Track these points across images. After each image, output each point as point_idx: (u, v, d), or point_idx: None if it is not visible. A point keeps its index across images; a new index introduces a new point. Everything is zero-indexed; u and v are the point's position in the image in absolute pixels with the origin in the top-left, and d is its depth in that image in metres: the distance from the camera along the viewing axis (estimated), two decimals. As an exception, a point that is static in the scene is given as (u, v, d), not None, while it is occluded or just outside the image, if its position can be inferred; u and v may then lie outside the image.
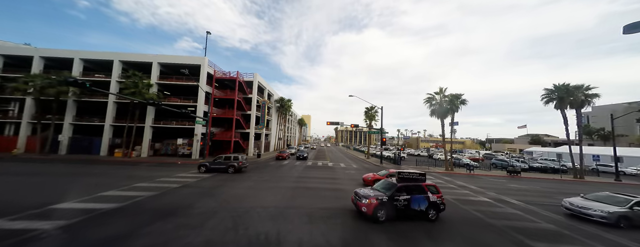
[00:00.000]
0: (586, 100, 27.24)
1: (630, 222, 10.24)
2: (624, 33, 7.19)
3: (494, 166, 36.66)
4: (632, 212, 10.36)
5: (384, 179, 12.78)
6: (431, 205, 10.13)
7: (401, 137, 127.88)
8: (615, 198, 11.38)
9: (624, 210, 10.40)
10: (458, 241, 8.42)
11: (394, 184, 10.33)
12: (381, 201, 9.53)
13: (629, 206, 10.53)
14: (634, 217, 10.29)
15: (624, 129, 63.29)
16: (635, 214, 10.34)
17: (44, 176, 16.97)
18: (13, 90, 28.51)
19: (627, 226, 10.18)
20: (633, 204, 10.57)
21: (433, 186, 10.75)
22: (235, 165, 20.60)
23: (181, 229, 8.23)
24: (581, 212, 11.23)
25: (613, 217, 10.27)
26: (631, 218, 10.27)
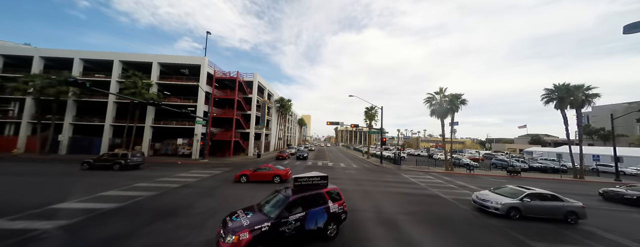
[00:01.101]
0: (586, 100, 27.22)
1: (519, 213, 10.78)
2: (624, 33, 7.20)
3: (494, 165, 36.65)
4: (521, 204, 10.88)
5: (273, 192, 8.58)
6: (331, 218, 7.87)
7: (401, 137, 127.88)
8: (512, 190, 12.02)
9: (515, 202, 10.96)
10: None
11: (284, 199, 7.37)
12: (259, 233, 6.33)
13: (519, 198, 11.10)
14: (522, 208, 10.80)
15: (624, 129, 63.26)
16: (524, 205, 10.84)
17: (44, 176, 16.97)
18: (13, 90, 28.50)
19: (516, 217, 10.74)
20: (523, 196, 11.15)
21: (335, 190, 8.75)
22: (121, 162, 20.18)
23: (181, 229, 8.24)
24: (482, 205, 11.75)
25: (504, 208, 10.82)
26: (520, 209, 10.80)
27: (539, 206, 10.84)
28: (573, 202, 11.04)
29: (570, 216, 10.67)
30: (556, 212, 10.76)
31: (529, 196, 11.15)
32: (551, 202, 10.99)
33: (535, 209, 10.80)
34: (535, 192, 11.37)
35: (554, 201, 11.05)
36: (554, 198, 11.16)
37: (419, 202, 13.36)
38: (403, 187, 17.56)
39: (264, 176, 17.05)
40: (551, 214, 10.79)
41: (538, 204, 10.88)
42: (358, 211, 11.13)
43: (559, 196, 11.22)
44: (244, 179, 16.81)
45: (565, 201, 11.05)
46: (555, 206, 10.89)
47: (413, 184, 19.47)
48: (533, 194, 11.30)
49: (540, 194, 11.33)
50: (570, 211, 10.71)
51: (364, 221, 9.77)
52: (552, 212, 10.79)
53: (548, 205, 10.88)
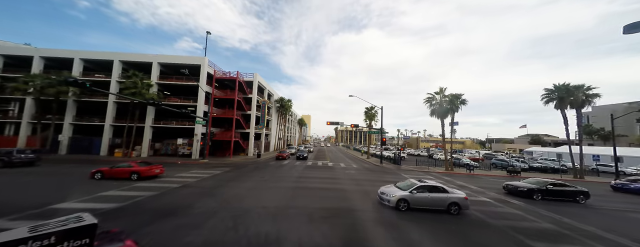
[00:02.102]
0: (586, 100, 27.23)
1: (408, 204, 11.21)
2: (624, 33, 7.20)
3: (494, 165, 36.66)
4: (410, 196, 11.32)
5: None
6: None
7: (401, 137, 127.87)
8: (408, 183, 12.46)
9: (405, 194, 11.39)
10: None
11: None
12: None
13: (409, 190, 11.52)
14: (410, 200, 11.23)
15: (624, 129, 63.25)
16: (412, 197, 11.28)
17: (44, 176, 16.97)
18: (13, 90, 28.48)
19: (404, 208, 11.16)
20: (413, 189, 11.58)
21: None
22: (5, 159, 19.42)
23: (181, 229, 8.24)
24: (380, 198, 12.24)
25: (394, 200, 11.27)
26: (408, 201, 11.22)
27: (425, 198, 11.30)
28: (457, 194, 11.51)
29: (452, 206, 11.13)
30: (440, 203, 11.22)
31: (418, 188, 11.59)
32: (437, 194, 11.45)
33: (421, 200, 11.29)
34: (425, 185, 11.83)
35: (440, 193, 11.52)
36: (442, 190, 11.62)
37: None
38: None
39: (121, 173, 16.07)
40: (435, 205, 11.24)
41: (424, 196, 11.33)
42: (358, 211, 11.14)
43: (446, 188, 11.74)
44: (98, 175, 15.93)
45: (450, 193, 11.52)
46: (439, 197, 11.33)
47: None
48: (422, 186, 11.72)
49: (431, 186, 11.81)
50: (453, 202, 11.16)
51: (364, 221, 9.77)
52: (436, 203, 11.25)
53: (433, 196, 11.36)
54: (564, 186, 15.08)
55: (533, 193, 14.72)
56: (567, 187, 14.99)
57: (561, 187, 15.02)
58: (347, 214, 10.52)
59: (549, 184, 15.08)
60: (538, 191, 14.71)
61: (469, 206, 11.54)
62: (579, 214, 12.56)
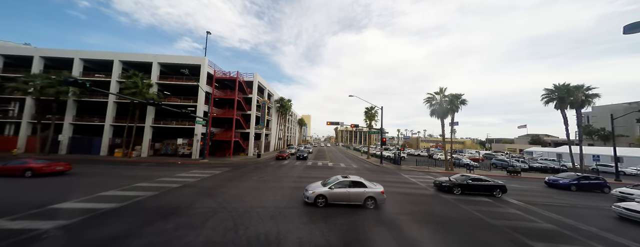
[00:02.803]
0: (586, 100, 27.24)
1: (325, 200, 11.19)
2: (624, 33, 7.20)
3: (494, 165, 36.66)
4: (328, 191, 11.31)
5: None
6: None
7: (401, 137, 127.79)
8: (332, 179, 12.54)
9: (324, 190, 11.37)
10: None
11: None
12: None
13: (328, 186, 11.54)
14: (328, 196, 11.21)
15: (624, 129, 63.29)
16: (331, 193, 11.28)
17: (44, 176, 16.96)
18: (13, 90, 28.49)
19: (322, 204, 11.13)
20: (333, 184, 11.61)
21: None
22: None
23: (181, 229, 8.24)
24: (303, 195, 11.99)
25: (312, 196, 11.21)
26: (326, 197, 11.21)
27: (343, 193, 11.30)
28: (374, 189, 11.61)
29: (369, 201, 11.31)
30: (357, 198, 11.29)
31: (337, 183, 11.61)
32: (355, 189, 11.48)
33: (338, 196, 11.27)
34: (345, 180, 11.88)
35: (358, 188, 11.56)
36: (361, 185, 11.68)
37: (418, 202, 13.37)
38: (403, 187, 17.56)
39: (13, 170, 15.47)
40: (353, 200, 11.30)
41: (342, 191, 11.32)
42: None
43: (365, 183, 11.81)
44: None
45: (368, 187, 11.59)
46: (356, 192, 11.38)
47: (413, 184, 19.48)
48: (342, 181, 11.78)
49: (351, 181, 11.82)
50: (369, 197, 11.31)
51: (364, 221, 9.77)
52: (353, 198, 11.30)
53: (350, 191, 11.37)
54: (482, 181, 15.95)
55: (453, 188, 15.67)
56: (485, 182, 15.84)
57: (480, 181, 15.89)
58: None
59: (470, 179, 15.99)
60: (458, 185, 15.66)
61: (386, 199, 11.72)
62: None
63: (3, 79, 31.81)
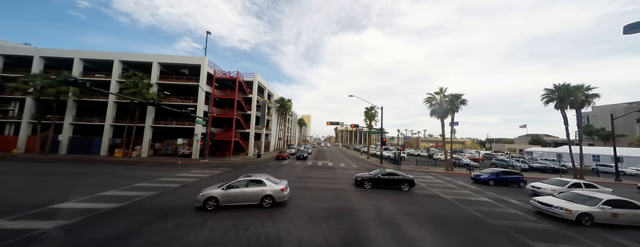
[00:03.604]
0: (586, 100, 27.20)
1: (217, 202, 10.41)
2: (624, 33, 7.20)
3: (494, 166, 36.64)
4: (221, 193, 10.57)
5: None
6: None
7: (401, 137, 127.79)
8: (236, 182, 11.60)
9: (215, 191, 10.59)
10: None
11: None
12: None
13: (221, 187, 10.84)
14: (221, 198, 10.47)
15: (624, 129, 63.29)
16: (224, 194, 10.54)
17: (44, 176, 16.97)
18: (13, 90, 28.51)
19: (212, 208, 10.33)
20: (226, 185, 10.93)
21: None
22: None
23: (181, 229, 8.24)
24: (196, 200, 11.05)
25: (201, 199, 10.38)
26: (218, 199, 10.45)
27: (238, 193, 10.78)
28: (273, 186, 11.22)
29: (266, 199, 10.94)
30: (253, 198, 10.88)
31: (230, 186, 10.89)
32: (252, 188, 11.02)
33: (234, 196, 10.71)
34: (243, 180, 11.33)
35: (256, 186, 11.10)
36: (258, 183, 11.22)
37: (418, 203, 13.37)
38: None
39: None
40: (249, 200, 10.83)
41: (237, 192, 10.77)
42: (358, 211, 11.14)
43: (264, 181, 11.34)
44: None
45: (267, 185, 11.17)
46: (253, 191, 10.94)
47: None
48: (240, 181, 11.23)
49: (249, 180, 11.31)
50: (267, 195, 10.97)
51: (364, 221, 9.77)
52: (249, 198, 10.84)
53: (247, 191, 10.89)
54: (392, 175, 16.58)
55: (364, 182, 16.41)
56: (394, 177, 16.45)
57: (390, 175, 16.55)
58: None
59: (381, 174, 16.77)
60: (369, 180, 16.44)
61: (286, 197, 11.40)
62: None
63: (3, 79, 31.80)
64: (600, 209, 10.65)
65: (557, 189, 15.60)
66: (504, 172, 21.22)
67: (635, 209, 10.80)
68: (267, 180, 11.54)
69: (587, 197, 11.56)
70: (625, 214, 10.62)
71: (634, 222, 10.62)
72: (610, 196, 11.49)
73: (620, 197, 11.42)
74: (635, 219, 10.63)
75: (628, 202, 11.04)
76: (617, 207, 10.74)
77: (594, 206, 10.78)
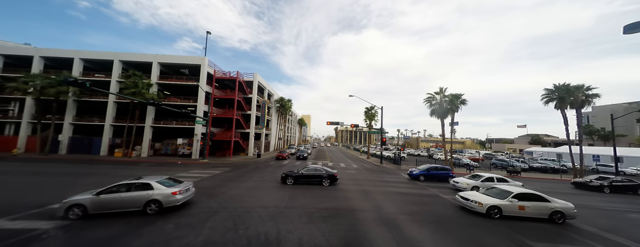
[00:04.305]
0: (586, 100, 27.20)
1: (84, 210, 9.20)
2: (624, 33, 7.20)
3: (494, 165, 36.65)
4: (91, 199, 9.38)
5: None
6: None
7: (401, 137, 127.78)
8: None
9: (84, 197, 9.36)
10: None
11: None
12: None
13: (93, 193, 9.57)
14: (88, 204, 9.24)
15: (624, 129, 63.25)
16: (93, 201, 9.31)
17: (44, 176, 16.97)
18: (13, 90, 28.51)
19: (76, 216, 9.02)
20: (103, 190, 9.68)
21: None
22: None
23: (181, 229, 8.24)
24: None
25: (63, 207, 9.10)
26: (85, 206, 9.26)
27: (112, 199, 9.46)
28: (162, 190, 9.92)
29: (152, 204, 9.70)
30: (134, 203, 9.59)
31: (106, 190, 9.62)
32: (131, 193, 9.69)
33: (106, 203, 9.38)
34: (124, 183, 9.98)
35: (141, 191, 9.83)
36: (144, 187, 9.96)
37: (419, 203, 13.36)
38: (403, 187, 17.55)
39: None
40: (128, 206, 9.57)
41: (113, 197, 9.47)
42: (358, 211, 11.14)
43: (152, 184, 10.02)
44: None
45: (155, 189, 9.89)
46: (134, 196, 9.66)
47: (413, 183, 19.47)
48: (121, 184, 9.91)
49: (130, 184, 9.99)
50: (153, 200, 9.68)
51: (364, 221, 9.77)
52: (128, 204, 9.56)
53: (122, 196, 9.57)
54: (312, 171, 17.05)
55: (286, 179, 16.61)
56: (313, 173, 16.84)
57: (311, 171, 16.98)
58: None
59: (303, 170, 17.25)
60: (290, 177, 16.66)
61: (178, 201, 10.06)
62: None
63: (3, 79, 31.80)
64: (509, 202, 10.95)
65: (471, 183, 16.37)
66: (435, 168, 21.91)
67: (542, 201, 11.07)
68: (158, 183, 10.17)
69: (503, 191, 11.79)
70: (531, 206, 10.90)
71: (539, 214, 10.87)
72: (520, 190, 11.76)
73: (529, 191, 11.67)
74: (540, 211, 10.88)
75: (535, 195, 11.32)
76: (524, 200, 11.02)
77: (503, 199, 11.09)
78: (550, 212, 10.76)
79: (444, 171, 21.41)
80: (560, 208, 10.79)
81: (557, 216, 10.71)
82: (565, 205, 10.94)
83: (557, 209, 10.76)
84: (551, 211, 10.75)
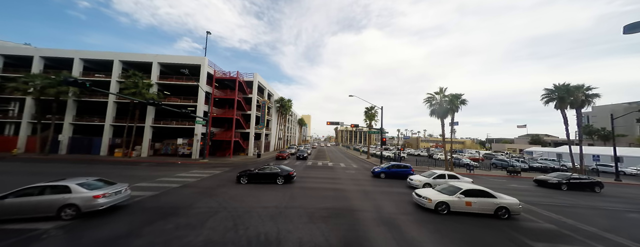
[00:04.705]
0: (586, 100, 27.24)
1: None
2: (624, 33, 7.20)
3: (494, 165, 36.65)
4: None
5: None
6: None
7: (401, 137, 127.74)
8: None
9: None
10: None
11: None
12: None
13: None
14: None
15: (624, 129, 63.24)
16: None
17: (44, 176, 16.96)
18: (13, 90, 28.49)
19: None
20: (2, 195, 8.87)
21: None
22: None
23: (181, 229, 8.24)
24: None
25: None
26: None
27: (19, 203, 8.64)
28: (82, 194, 9.06)
29: (67, 209, 8.83)
30: (44, 208, 8.77)
31: (13, 193, 8.84)
32: (40, 197, 8.84)
33: (8, 208, 8.55)
34: (37, 186, 9.13)
35: (50, 195, 8.97)
36: (60, 191, 9.07)
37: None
38: (403, 187, 17.55)
39: None
40: (38, 211, 8.71)
41: (16, 202, 8.64)
42: (359, 211, 11.14)
43: (71, 187, 9.19)
44: None
45: (72, 193, 9.00)
46: (44, 200, 8.81)
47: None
48: (30, 187, 9.13)
49: (49, 186, 9.18)
50: (68, 204, 8.86)
51: (364, 221, 9.77)
52: (38, 209, 8.74)
53: (30, 200, 8.73)
54: (266, 169, 17.09)
55: (240, 178, 16.59)
56: (267, 171, 16.84)
57: (265, 170, 16.98)
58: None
59: (258, 169, 17.23)
60: (245, 175, 16.67)
61: (102, 205, 9.16)
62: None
63: (3, 79, 31.80)
64: (457, 198, 11.18)
65: (423, 180, 16.78)
66: (396, 166, 22.54)
67: (488, 197, 11.31)
68: (78, 185, 9.33)
69: (456, 188, 11.92)
70: (478, 202, 11.14)
71: (484, 210, 11.10)
72: (469, 186, 12.05)
73: (477, 187, 11.91)
74: (486, 207, 11.10)
75: (483, 191, 11.55)
76: (471, 196, 11.28)
77: (451, 196, 11.35)
78: (496, 208, 11.02)
79: (404, 169, 21.85)
80: (506, 204, 11.06)
81: (502, 211, 10.98)
82: (510, 201, 11.21)
83: (502, 205, 11.03)
84: (496, 207, 11.02)
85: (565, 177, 20.13)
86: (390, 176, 21.34)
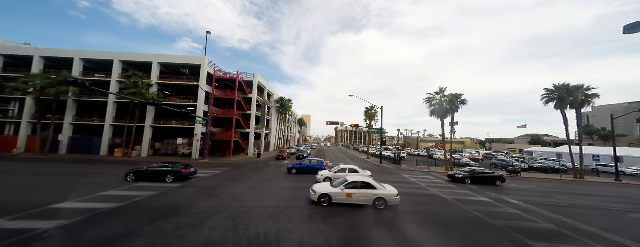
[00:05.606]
0: (586, 100, 27.19)
1: None
2: (624, 33, 7.20)
3: (494, 165, 36.62)
4: None
5: None
6: None
7: (401, 137, 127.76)
8: None
9: None
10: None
11: None
12: None
13: None
14: None
15: (624, 129, 63.25)
16: None
17: (44, 176, 16.97)
18: (13, 90, 28.49)
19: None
20: None
21: None
22: None
23: (181, 229, 8.24)
24: None
25: None
26: None
27: None
28: None
29: None
30: None
31: None
32: None
33: None
34: None
35: None
36: None
37: (419, 203, 13.36)
38: (403, 187, 17.53)
39: None
40: None
41: None
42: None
43: None
44: None
45: None
46: None
47: (413, 184, 19.48)
48: None
49: None
50: None
51: (364, 221, 9.76)
52: None
53: None
54: (165, 167, 16.64)
55: (128, 175, 16.23)
56: (163, 169, 16.37)
57: (160, 168, 16.55)
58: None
59: (153, 166, 16.77)
60: (130, 173, 16.26)
61: None
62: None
63: (3, 79, 31.81)
64: (340, 190, 11.50)
65: (324, 175, 17.32)
66: (309, 161, 23.20)
67: (369, 189, 11.58)
68: None
69: (343, 181, 12.27)
70: (358, 194, 11.46)
71: (364, 201, 11.43)
72: (353, 178, 12.30)
73: (361, 179, 12.09)
74: (365, 198, 11.42)
75: (365, 183, 11.76)
76: (353, 188, 11.58)
77: (336, 188, 11.68)
78: (374, 199, 11.33)
79: (316, 165, 22.43)
80: (384, 195, 11.38)
81: (380, 202, 11.32)
82: (389, 192, 11.56)
83: (380, 196, 11.35)
84: (375, 198, 11.33)
85: (470, 172, 21.12)
86: (301, 172, 21.92)
